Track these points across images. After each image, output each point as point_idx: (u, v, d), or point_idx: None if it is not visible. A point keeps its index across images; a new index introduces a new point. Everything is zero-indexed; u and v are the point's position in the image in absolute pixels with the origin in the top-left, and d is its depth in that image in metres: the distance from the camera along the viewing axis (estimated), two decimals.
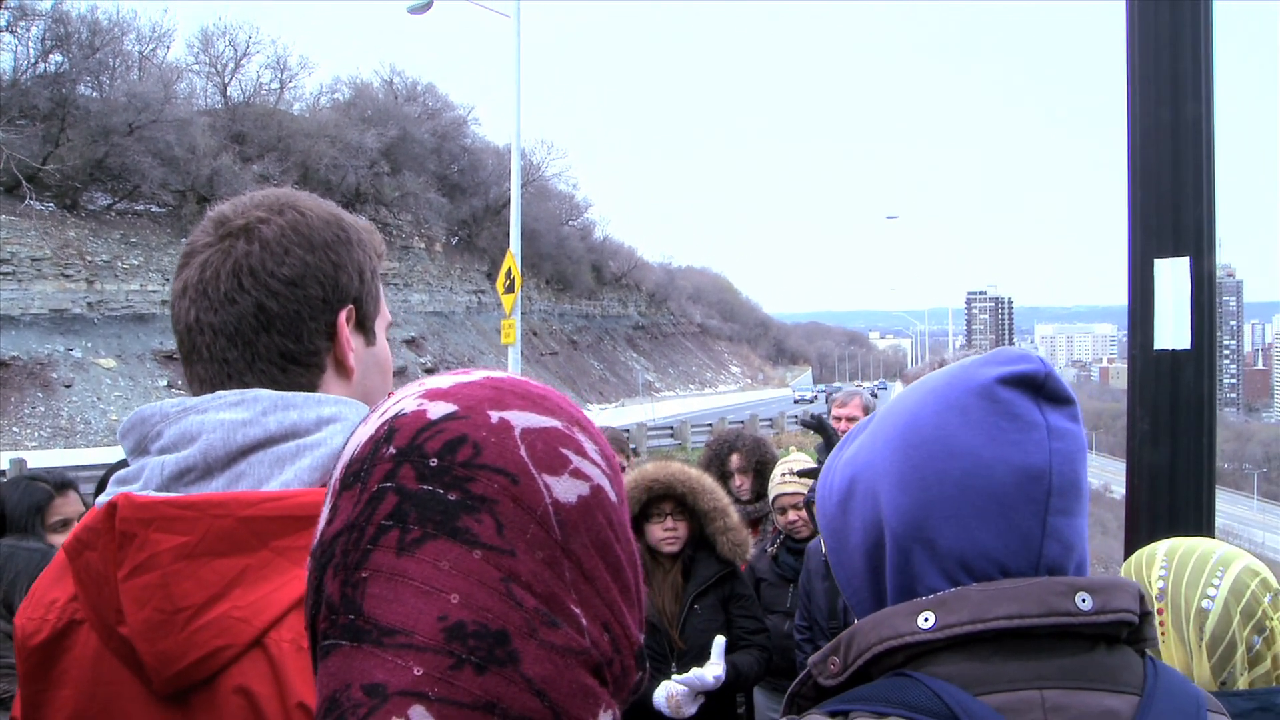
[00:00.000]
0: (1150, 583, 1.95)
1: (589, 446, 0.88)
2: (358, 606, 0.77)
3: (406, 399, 0.87)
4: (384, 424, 0.85)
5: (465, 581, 0.76)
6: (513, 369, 18.59)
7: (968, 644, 1.11)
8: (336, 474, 0.86)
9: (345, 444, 0.88)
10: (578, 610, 0.81)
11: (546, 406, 0.88)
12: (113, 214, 42.71)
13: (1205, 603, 1.86)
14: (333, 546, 0.81)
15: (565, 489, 0.83)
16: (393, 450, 0.82)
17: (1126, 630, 1.15)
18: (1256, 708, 1.77)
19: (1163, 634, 1.92)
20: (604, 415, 53.98)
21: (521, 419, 0.85)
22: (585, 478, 0.86)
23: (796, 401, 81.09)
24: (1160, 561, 1.96)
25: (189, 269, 1.37)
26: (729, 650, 4.26)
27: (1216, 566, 1.88)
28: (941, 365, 1.95)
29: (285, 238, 1.37)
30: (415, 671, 0.74)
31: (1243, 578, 1.86)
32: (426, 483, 0.79)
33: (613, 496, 0.89)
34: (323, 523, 0.84)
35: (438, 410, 0.84)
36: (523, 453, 0.82)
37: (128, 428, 1.34)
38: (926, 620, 1.12)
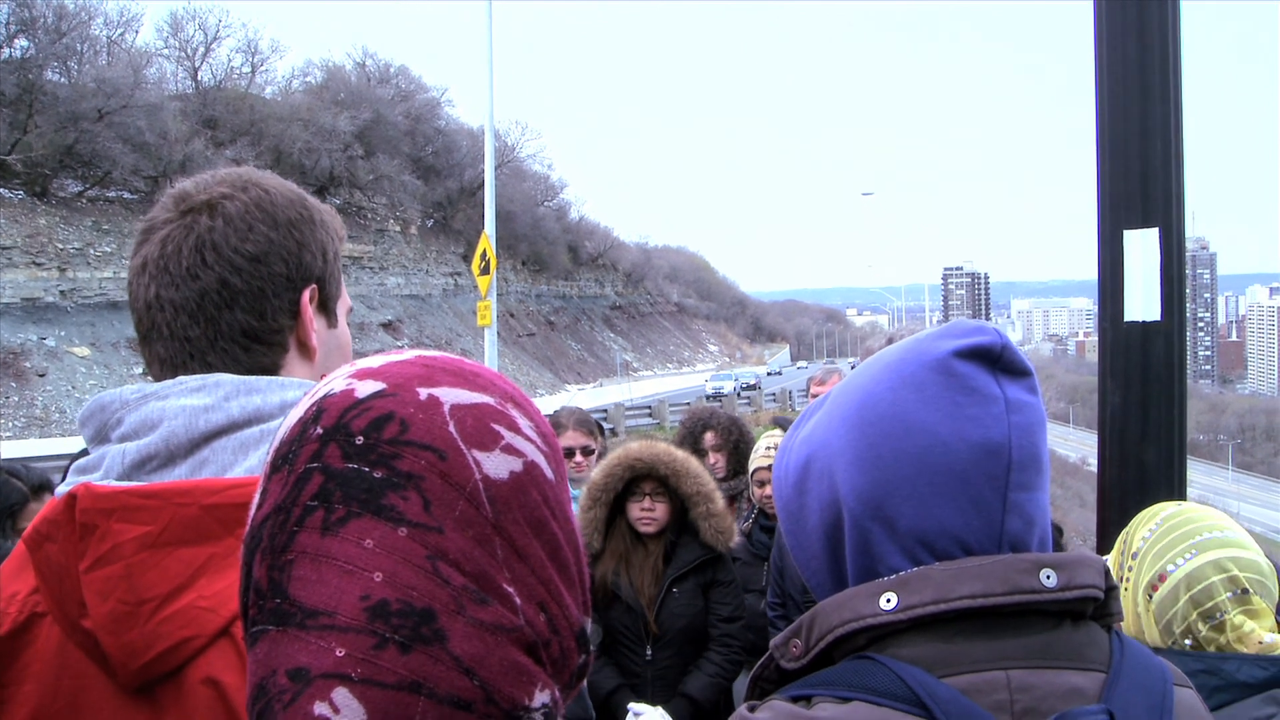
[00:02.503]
0: (1134, 538, 1.97)
1: (523, 423, 0.87)
2: (283, 590, 0.76)
3: (336, 379, 0.85)
4: (313, 405, 0.83)
5: (390, 559, 0.75)
6: (490, 350, 18.55)
7: (931, 624, 1.09)
8: (267, 458, 0.85)
9: (277, 427, 0.87)
10: (510, 589, 0.80)
11: (478, 383, 0.86)
12: (84, 201, 42.28)
13: (1163, 574, 1.87)
14: (261, 531, 0.80)
15: (496, 465, 0.82)
16: (320, 430, 0.80)
17: (1092, 606, 1.14)
18: (1203, 669, 1.77)
19: (1125, 590, 1.94)
20: (582, 395, 53.98)
21: (451, 395, 0.83)
22: (518, 454, 0.84)
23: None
24: (1154, 522, 1.97)
25: (149, 245, 1.35)
26: (693, 648, 4.29)
27: (1192, 547, 1.88)
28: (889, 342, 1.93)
29: (249, 214, 1.35)
30: (338, 653, 0.73)
31: (1205, 570, 1.85)
32: (352, 461, 0.78)
33: (549, 474, 0.87)
34: (253, 508, 0.83)
35: (366, 389, 0.82)
36: (451, 429, 0.81)
37: (87, 415, 1.31)
38: (889, 601, 1.10)
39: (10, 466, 3.82)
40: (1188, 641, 1.85)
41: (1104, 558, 1.28)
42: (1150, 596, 1.88)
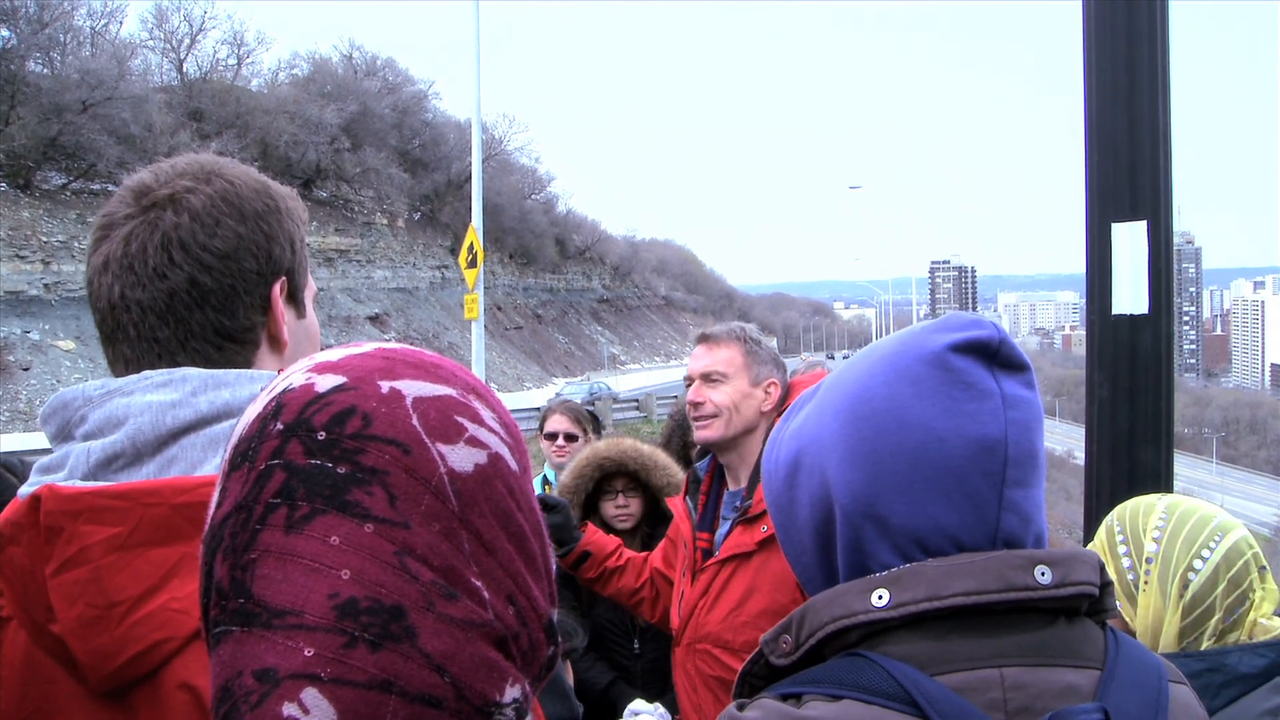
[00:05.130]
0: (1145, 531, 1.96)
1: (486, 415, 0.86)
2: (247, 589, 0.75)
3: (295, 374, 0.84)
4: (272, 400, 0.82)
5: (357, 556, 0.75)
6: (477, 343, 18.51)
7: (924, 622, 1.08)
8: (225, 455, 0.83)
9: (236, 424, 0.86)
10: (479, 583, 0.79)
11: (440, 375, 0.86)
12: (68, 193, 42.05)
13: (1197, 562, 1.88)
14: (221, 530, 0.78)
15: (461, 458, 0.81)
16: (280, 426, 0.79)
17: (1087, 603, 1.13)
18: (1206, 668, 1.77)
19: (1145, 585, 1.93)
20: (569, 389, 53.94)
21: (413, 388, 0.82)
22: (483, 446, 0.83)
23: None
24: (1159, 514, 1.97)
25: (109, 242, 1.29)
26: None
27: (1215, 531, 1.89)
28: None
29: (215, 208, 1.30)
30: (306, 652, 0.72)
31: (1239, 547, 1.87)
32: (314, 457, 0.77)
33: (513, 465, 0.86)
34: (212, 507, 0.81)
35: (326, 383, 0.81)
36: (415, 422, 0.80)
37: (49, 412, 1.27)
38: (881, 598, 1.09)
39: (7, 461, 3.71)
40: (1209, 630, 1.86)
41: (1097, 553, 1.27)
42: (1185, 586, 1.88)
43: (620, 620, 4.27)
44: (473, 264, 17.93)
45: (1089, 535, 3.32)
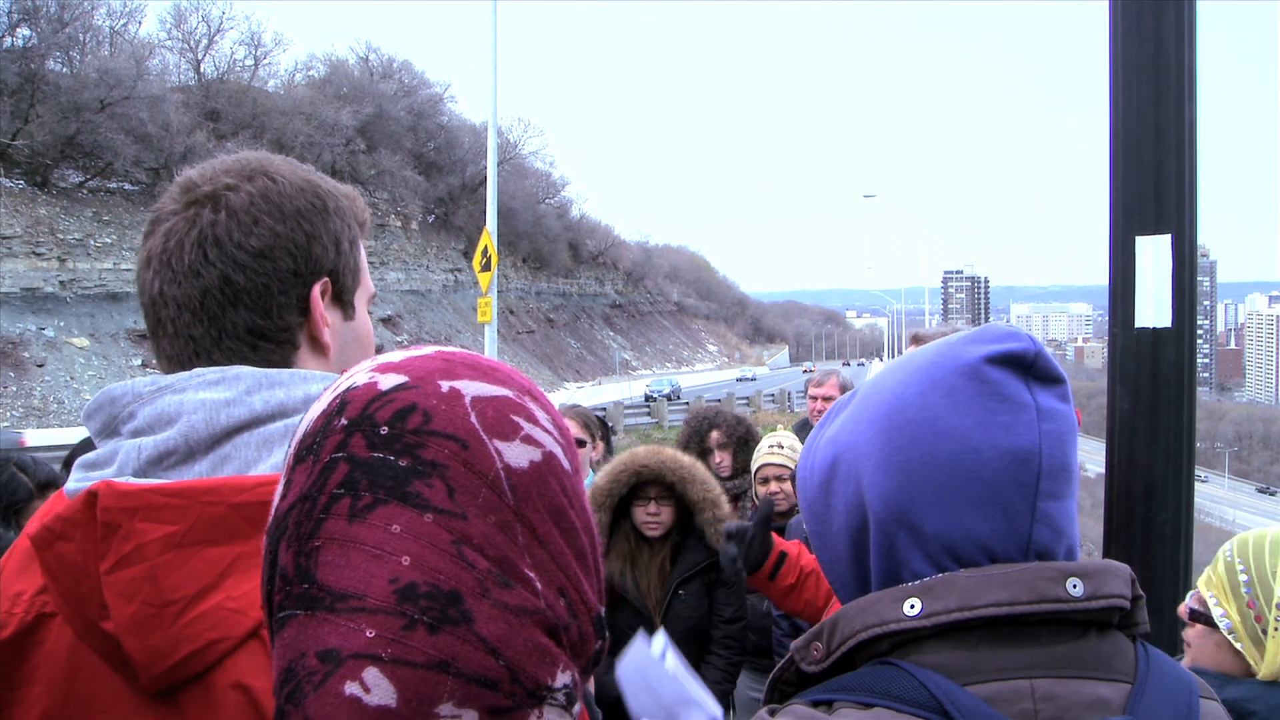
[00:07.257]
0: (1274, 574, 1.94)
1: (540, 415, 0.88)
2: (311, 575, 0.77)
3: (358, 373, 0.87)
4: (336, 398, 0.85)
5: (416, 544, 0.77)
6: (489, 347, 18.51)
7: (955, 631, 1.08)
8: (290, 450, 0.86)
9: (300, 421, 0.88)
10: (532, 574, 0.82)
11: (497, 377, 0.88)
12: (85, 191, 42.28)
13: None
14: (286, 520, 0.81)
15: (517, 454, 0.83)
16: (344, 421, 0.82)
17: (1118, 615, 1.13)
18: None
19: (1276, 629, 1.91)
20: (580, 393, 54.02)
21: (472, 388, 0.85)
22: (537, 444, 0.86)
23: None
24: None
25: (154, 238, 1.30)
26: (696, 648, 4.28)
27: None
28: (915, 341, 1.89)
29: (254, 206, 1.29)
30: (368, 634, 0.74)
31: None
32: (377, 450, 0.80)
33: (566, 464, 0.88)
34: (277, 499, 0.84)
35: (388, 382, 0.84)
36: (473, 419, 0.83)
37: (95, 408, 1.26)
38: (913, 607, 1.09)
39: (20, 460, 3.69)
40: None
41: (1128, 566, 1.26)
42: None
43: (640, 627, 4.26)
44: (486, 267, 17.92)
45: (1109, 549, 3.30)
